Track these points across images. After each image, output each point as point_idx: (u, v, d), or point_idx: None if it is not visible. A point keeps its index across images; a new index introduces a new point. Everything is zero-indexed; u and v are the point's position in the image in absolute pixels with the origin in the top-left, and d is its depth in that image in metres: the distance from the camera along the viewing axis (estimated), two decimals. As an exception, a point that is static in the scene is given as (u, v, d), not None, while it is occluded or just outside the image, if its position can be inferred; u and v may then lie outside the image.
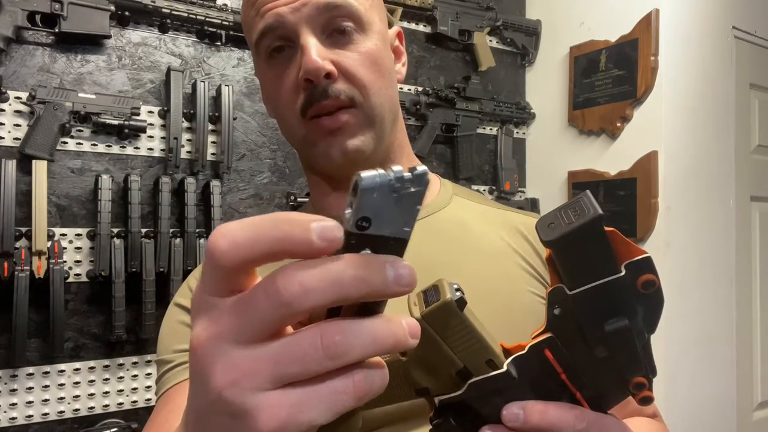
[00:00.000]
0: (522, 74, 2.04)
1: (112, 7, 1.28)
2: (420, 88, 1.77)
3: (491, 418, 0.41)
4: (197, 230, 1.36)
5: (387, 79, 0.64)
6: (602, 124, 1.76)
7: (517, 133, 2.00)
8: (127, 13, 1.32)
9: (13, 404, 1.21)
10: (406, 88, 1.76)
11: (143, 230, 1.32)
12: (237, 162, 1.47)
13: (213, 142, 1.44)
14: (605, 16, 1.78)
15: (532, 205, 1.94)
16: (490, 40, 1.92)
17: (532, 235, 0.67)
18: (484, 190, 1.90)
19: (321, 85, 0.59)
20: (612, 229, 0.37)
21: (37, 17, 1.22)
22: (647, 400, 0.40)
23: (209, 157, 1.42)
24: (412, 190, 0.26)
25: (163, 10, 1.34)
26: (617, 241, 0.37)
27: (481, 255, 0.65)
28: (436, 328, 0.41)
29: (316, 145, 0.62)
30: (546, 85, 1.97)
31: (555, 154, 1.93)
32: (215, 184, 1.39)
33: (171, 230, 1.35)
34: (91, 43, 1.30)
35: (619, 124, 1.72)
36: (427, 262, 0.62)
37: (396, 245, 0.27)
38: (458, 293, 0.41)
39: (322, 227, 0.25)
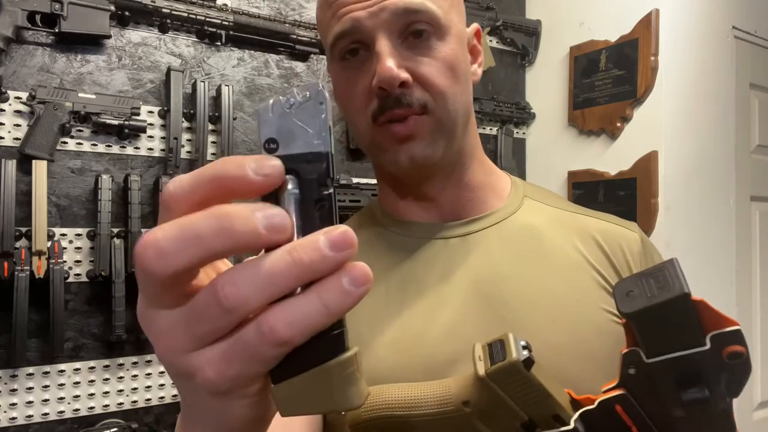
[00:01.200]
0: (522, 74, 2.04)
1: (112, 7, 1.28)
2: (420, 88, 1.77)
3: None
4: (197, 230, 1.36)
5: (462, 84, 0.62)
6: (602, 124, 1.76)
7: (517, 133, 2.00)
8: (127, 13, 1.32)
9: (13, 404, 1.21)
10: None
11: (143, 230, 1.32)
12: (237, 162, 1.47)
13: (213, 142, 1.44)
14: (605, 16, 1.78)
15: (532, 205, 1.94)
16: (490, 40, 1.92)
17: (608, 244, 0.64)
18: (484, 190, 1.90)
19: (395, 93, 0.58)
20: (700, 299, 0.36)
21: (37, 17, 1.22)
22: None
23: (209, 157, 1.42)
24: (309, 102, 0.26)
25: (163, 10, 1.34)
26: (704, 311, 0.36)
27: (553, 268, 0.62)
28: (500, 385, 0.41)
29: (386, 151, 0.61)
30: (546, 85, 1.97)
31: (555, 154, 1.93)
32: (215, 184, 1.39)
33: (171, 230, 1.35)
34: (91, 43, 1.30)
35: (619, 124, 1.72)
36: (490, 274, 0.62)
37: (316, 163, 0.27)
38: (525, 352, 0.41)
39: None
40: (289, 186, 0.27)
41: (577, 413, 0.41)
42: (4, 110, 1.22)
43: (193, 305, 0.26)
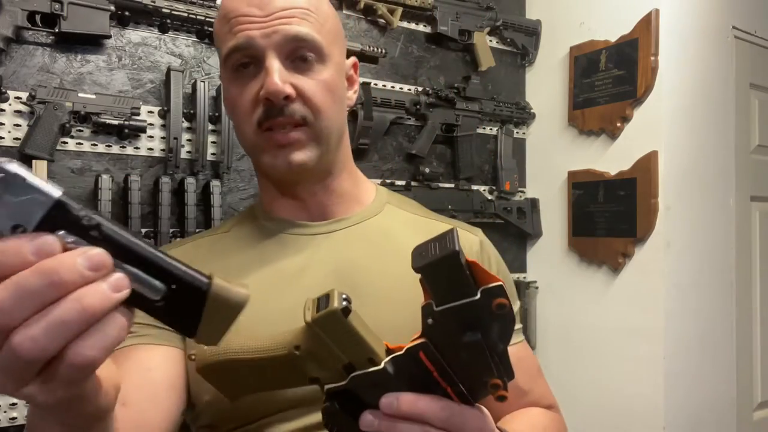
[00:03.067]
0: (522, 74, 2.04)
1: (112, 7, 1.28)
2: (420, 88, 1.77)
3: (372, 405, 0.49)
4: (197, 230, 1.36)
5: (338, 105, 0.73)
6: (602, 124, 1.76)
7: (517, 133, 2.00)
8: (127, 13, 1.32)
9: (13, 404, 1.21)
10: (406, 88, 1.76)
11: (143, 230, 1.32)
12: (237, 162, 1.47)
13: (213, 142, 1.44)
14: (605, 16, 1.78)
15: (532, 205, 1.94)
16: (490, 40, 1.92)
17: None
18: (484, 190, 1.90)
19: (279, 104, 0.67)
20: (473, 260, 0.46)
21: (37, 17, 1.22)
22: (502, 398, 0.49)
23: (209, 157, 1.42)
24: (6, 176, 0.30)
25: (163, 10, 1.34)
26: (477, 270, 0.46)
27: (402, 263, 0.72)
28: (324, 330, 0.49)
29: (267, 154, 0.71)
30: (546, 85, 1.97)
31: (555, 154, 1.93)
32: (215, 184, 1.39)
33: (171, 230, 1.35)
34: (91, 43, 1.30)
35: (619, 124, 1.72)
36: (348, 265, 0.72)
37: (63, 208, 0.32)
38: (345, 303, 0.49)
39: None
40: (67, 240, 0.32)
41: (388, 357, 0.49)
42: (4, 110, 1.22)
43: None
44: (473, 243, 0.80)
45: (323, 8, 0.74)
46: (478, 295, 0.45)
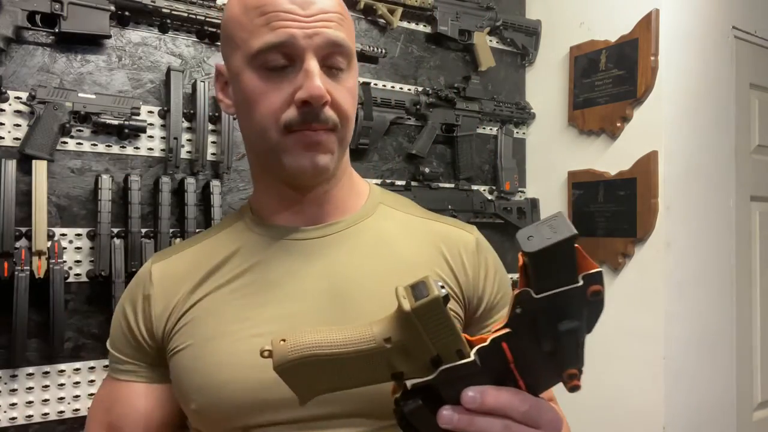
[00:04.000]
0: (522, 74, 2.04)
1: (112, 7, 1.28)
2: (420, 88, 1.77)
3: (452, 400, 0.48)
4: (197, 230, 1.36)
5: (354, 112, 0.73)
6: (602, 124, 1.76)
7: (517, 133, 2.00)
8: (127, 13, 1.32)
9: (13, 404, 1.21)
10: (406, 88, 1.76)
11: (143, 230, 1.32)
12: (237, 162, 1.47)
13: (213, 142, 1.44)
14: (605, 16, 1.78)
15: (533, 205, 1.94)
16: (490, 40, 1.92)
17: (447, 245, 0.75)
18: (484, 190, 1.90)
19: (317, 109, 0.65)
20: (577, 245, 0.43)
21: (37, 17, 1.22)
22: (575, 388, 0.48)
23: (209, 157, 1.42)
24: None
25: (163, 10, 1.34)
26: (579, 256, 0.44)
27: (396, 266, 0.71)
28: (421, 320, 0.46)
29: (290, 154, 0.67)
30: (546, 85, 1.97)
31: (555, 154, 1.93)
32: (215, 184, 1.39)
33: (171, 230, 1.35)
34: (91, 43, 1.30)
35: (619, 124, 1.72)
36: (343, 272, 0.70)
37: None
38: (443, 290, 0.46)
39: None
40: None
41: (475, 348, 0.47)
42: (4, 110, 1.22)
43: None
44: (468, 243, 0.78)
45: (348, 15, 0.72)
46: (581, 281, 0.44)
